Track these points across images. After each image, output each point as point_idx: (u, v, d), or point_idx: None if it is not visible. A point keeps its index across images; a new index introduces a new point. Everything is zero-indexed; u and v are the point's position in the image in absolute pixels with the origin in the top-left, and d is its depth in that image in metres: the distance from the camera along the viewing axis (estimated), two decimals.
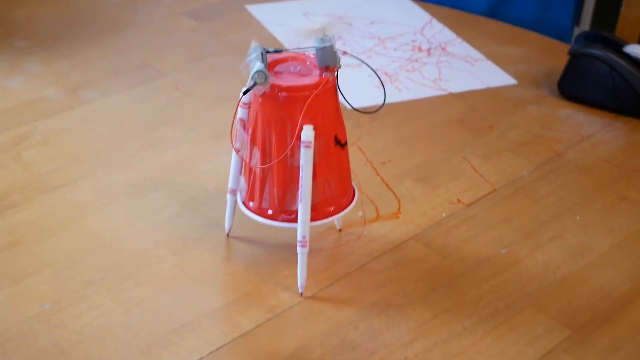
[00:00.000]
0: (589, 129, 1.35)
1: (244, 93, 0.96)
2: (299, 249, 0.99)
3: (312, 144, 0.96)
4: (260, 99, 0.97)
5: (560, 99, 1.42)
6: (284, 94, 0.95)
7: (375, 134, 1.31)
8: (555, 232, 1.14)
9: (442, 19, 1.63)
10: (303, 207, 0.98)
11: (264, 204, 1.01)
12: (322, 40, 0.96)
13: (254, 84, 0.94)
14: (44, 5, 1.55)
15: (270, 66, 0.98)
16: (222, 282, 1.03)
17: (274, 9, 1.64)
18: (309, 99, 0.95)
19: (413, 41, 1.56)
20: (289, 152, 0.97)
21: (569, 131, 1.34)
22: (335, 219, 1.05)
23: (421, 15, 1.65)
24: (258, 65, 0.94)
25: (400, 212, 1.16)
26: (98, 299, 0.99)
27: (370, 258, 1.08)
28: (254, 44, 0.98)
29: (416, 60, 1.50)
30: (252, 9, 1.62)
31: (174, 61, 1.43)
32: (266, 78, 0.94)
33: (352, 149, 1.27)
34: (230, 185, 1.05)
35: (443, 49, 1.54)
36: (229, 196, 1.05)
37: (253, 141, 0.99)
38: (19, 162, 1.18)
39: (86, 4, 1.58)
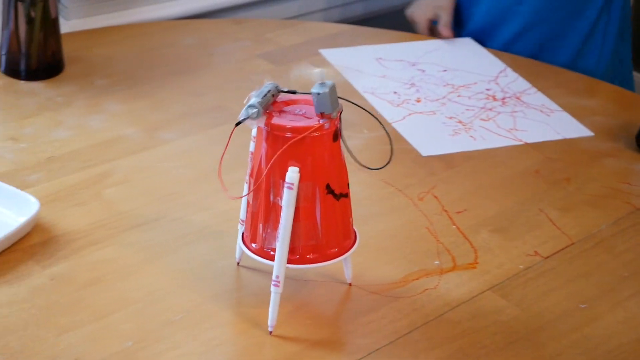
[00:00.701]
0: None
1: (236, 125, 0.98)
2: (272, 289, 0.99)
3: (295, 186, 0.96)
4: (260, 134, 0.99)
5: (638, 152, 1.41)
6: (274, 132, 0.97)
7: (450, 182, 1.31)
8: (636, 289, 1.13)
9: (516, 68, 1.63)
10: (280, 247, 0.98)
11: (251, 237, 1.02)
12: (320, 86, 0.96)
13: (245, 118, 0.96)
14: (121, 45, 1.58)
15: (278, 105, 0.99)
16: (302, 325, 1.03)
17: (347, 53, 1.65)
18: (291, 141, 0.96)
19: (487, 90, 1.56)
20: (272, 190, 0.99)
21: None
22: (319, 265, 1.03)
23: (495, 63, 1.65)
24: (253, 100, 0.97)
25: (477, 263, 1.16)
26: (179, 338, 0.99)
27: (448, 308, 1.08)
28: (266, 82, 1.00)
29: (490, 109, 1.50)
30: (326, 53, 1.63)
31: None
32: (258, 113, 0.96)
33: (427, 197, 1.27)
34: (241, 215, 1.06)
35: (518, 98, 1.54)
36: (239, 226, 1.06)
37: (251, 174, 1.01)
38: (101, 199, 1.19)
39: (163, 45, 1.60)
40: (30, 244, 1.10)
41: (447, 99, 1.52)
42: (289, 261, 0.99)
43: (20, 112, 1.35)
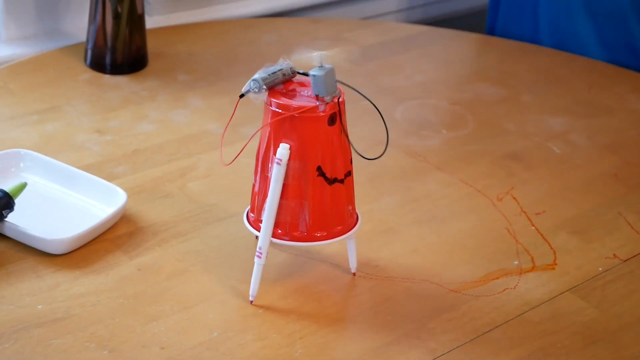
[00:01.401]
0: None
1: (240, 97, 1.01)
2: (255, 259, 1.02)
3: (284, 163, 0.99)
4: (265, 110, 1.01)
5: None
6: (270, 108, 1.00)
7: (529, 183, 1.32)
8: None
9: None
10: (265, 220, 1.01)
11: (251, 208, 1.06)
12: (319, 69, 0.98)
13: (248, 91, 1.00)
14: (203, 41, 1.60)
15: (290, 85, 1.01)
16: (383, 320, 1.04)
17: None
18: (277, 118, 0.99)
19: None
20: (269, 165, 1.02)
21: None
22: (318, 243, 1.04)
23: None
24: (257, 74, 1.00)
25: (556, 264, 1.16)
26: (264, 330, 1.01)
27: (528, 308, 1.08)
28: (281, 60, 1.01)
29: None
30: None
31: None
32: (259, 88, 0.99)
33: (506, 198, 1.28)
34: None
35: None
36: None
37: (257, 149, 1.04)
38: (185, 192, 1.22)
39: (243, 42, 1.62)
40: (117, 235, 1.13)
41: None
42: (274, 235, 1.02)
43: (105, 106, 1.38)
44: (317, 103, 0.99)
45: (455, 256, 1.16)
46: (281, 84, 1.01)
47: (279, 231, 1.03)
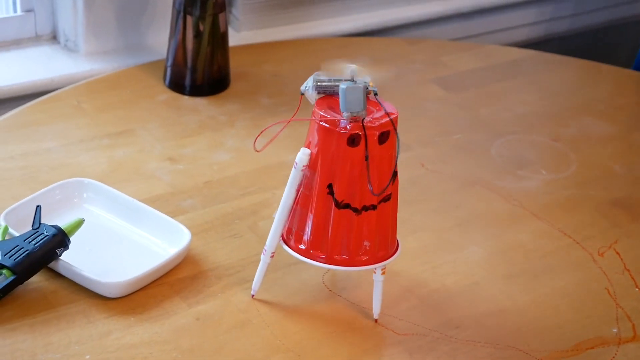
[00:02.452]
0: None
1: (301, 94, 0.97)
2: (261, 256, 1.01)
3: (299, 167, 0.96)
4: None
5: None
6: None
7: (636, 236, 1.19)
8: None
9: None
10: (276, 220, 0.99)
11: None
12: (348, 82, 0.92)
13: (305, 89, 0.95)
14: (290, 61, 1.51)
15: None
16: None
17: None
18: (276, 123, 0.98)
19: None
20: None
21: None
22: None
23: None
24: (313, 77, 0.96)
25: None
26: None
27: None
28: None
29: None
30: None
31: (419, 134, 1.36)
32: (310, 89, 0.95)
33: (608, 253, 1.16)
34: None
35: None
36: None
37: None
38: (256, 232, 1.13)
39: None
40: (178, 278, 1.05)
41: None
42: (282, 237, 1.00)
43: (181, 131, 1.31)
44: (340, 119, 0.93)
45: (546, 319, 1.05)
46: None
47: (291, 237, 0.99)
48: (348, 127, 0.92)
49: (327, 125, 0.93)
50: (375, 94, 0.94)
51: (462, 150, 1.34)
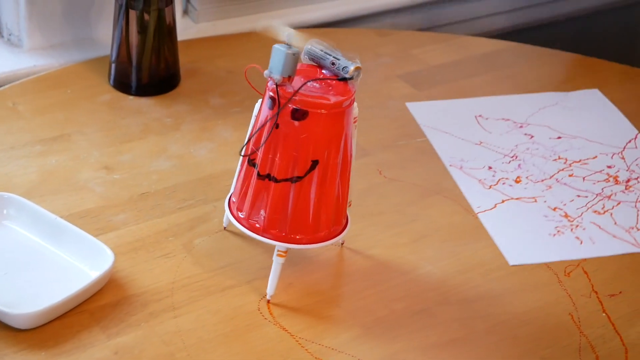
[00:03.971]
0: None
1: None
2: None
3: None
4: None
5: None
6: None
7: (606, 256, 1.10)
8: None
9: None
10: None
11: None
12: (282, 45, 0.91)
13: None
14: (247, 55, 1.41)
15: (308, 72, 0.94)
16: None
17: (438, 107, 1.35)
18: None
19: (608, 167, 1.24)
20: None
21: None
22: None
23: (626, 129, 1.32)
24: (313, 42, 0.94)
25: None
26: None
27: None
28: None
29: (609, 197, 1.18)
30: (412, 107, 1.34)
31: (379, 136, 1.26)
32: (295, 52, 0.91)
33: (575, 272, 1.07)
34: None
35: None
36: None
37: None
38: (190, 251, 1.04)
39: None
40: (99, 305, 0.96)
41: (555, 180, 1.20)
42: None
43: (121, 135, 1.21)
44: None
45: (502, 349, 0.96)
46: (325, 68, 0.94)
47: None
48: (271, 88, 0.92)
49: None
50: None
51: (425, 155, 1.25)
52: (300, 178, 0.93)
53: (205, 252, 1.04)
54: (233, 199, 0.99)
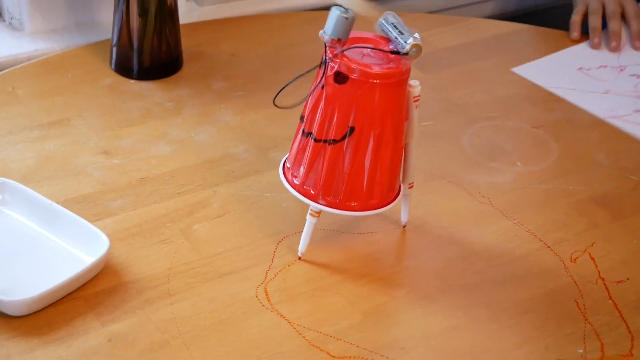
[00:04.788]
0: None
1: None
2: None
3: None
4: None
5: None
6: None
7: (615, 239, 1.08)
8: None
9: None
10: None
11: None
12: (339, 9, 0.89)
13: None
14: (251, 39, 1.39)
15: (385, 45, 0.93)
16: None
17: (540, 67, 1.41)
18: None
19: None
20: None
21: None
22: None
23: None
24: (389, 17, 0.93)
25: (632, 355, 0.93)
26: None
27: None
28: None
29: None
30: (520, 70, 1.38)
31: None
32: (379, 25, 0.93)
33: (582, 258, 1.04)
34: None
35: None
36: None
37: None
38: (188, 237, 1.02)
39: (301, 41, 1.41)
40: (95, 291, 0.95)
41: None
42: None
43: (121, 119, 1.20)
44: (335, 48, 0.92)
45: (505, 337, 0.94)
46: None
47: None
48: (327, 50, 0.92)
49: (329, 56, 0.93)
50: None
51: (430, 139, 1.22)
52: (336, 141, 0.93)
53: (203, 238, 1.02)
54: (287, 164, 1.00)
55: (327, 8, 1.56)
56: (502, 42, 1.47)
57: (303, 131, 0.96)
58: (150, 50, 1.26)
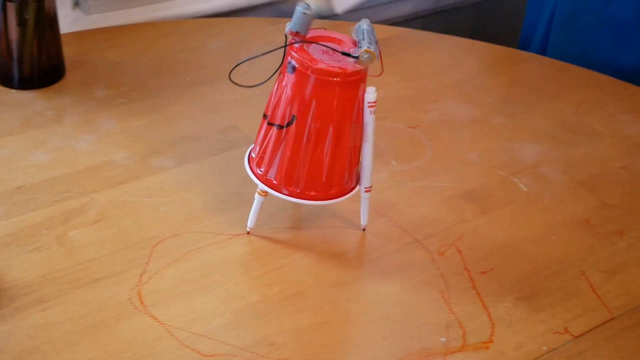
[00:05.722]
0: None
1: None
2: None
3: None
4: None
5: None
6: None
7: (481, 232, 1.12)
8: None
9: None
10: None
11: None
12: (302, 5, 0.95)
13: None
14: (135, 47, 1.41)
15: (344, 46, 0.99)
16: None
17: None
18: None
19: None
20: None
21: None
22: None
23: None
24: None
25: (491, 341, 0.97)
26: None
27: None
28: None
29: None
30: None
31: None
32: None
33: (449, 251, 1.08)
34: None
35: None
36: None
37: None
38: (64, 244, 1.04)
39: (185, 49, 1.43)
40: None
41: None
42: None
43: (0, 130, 1.21)
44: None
45: (373, 330, 0.98)
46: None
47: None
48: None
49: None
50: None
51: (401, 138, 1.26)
52: (280, 127, 0.99)
53: (79, 244, 1.04)
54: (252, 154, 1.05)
55: (215, 15, 1.59)
56: (385, 46, 1.50)
57: (264, 114, 1.02)
58: (31, 60, 1.28)
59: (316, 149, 1.00)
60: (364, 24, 0.99)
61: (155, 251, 1.04)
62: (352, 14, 1.62)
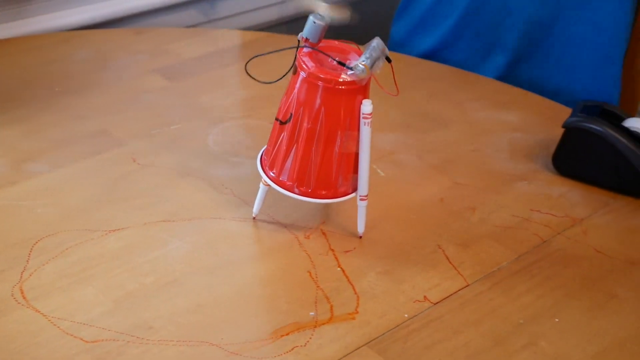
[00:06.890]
0: (582, 211, 1.23)
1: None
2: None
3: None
4: None
5: (555, 174, 1.30)
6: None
7: (343, 214, 1.20)
8: (529, 338, 1.02)
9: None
10: None
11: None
12: (315, 15, 1.04)
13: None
14: (6, 61, 1.45)
15: (349, 56, 1.07)
16: None
17: None
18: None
19: None
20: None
21: (559, 213, 1.22)
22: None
23: None
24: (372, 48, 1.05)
25: (357, 312, 1.05)
26: None
27: None
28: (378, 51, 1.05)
29: None
30: None
31: (134, 128, 1.33)
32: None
33: (315, 234, 1.16)
34: None
35: None
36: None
37: None
38: None
39: (51, 61, 1.48)
40: None
41: None
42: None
43: None
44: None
45: (246, 309, 1.04)
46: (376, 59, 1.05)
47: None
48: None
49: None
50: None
51: (178, 141, 1.32)
52: (282, 123, 1.08)
53: None
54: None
55: (80, 28, 1.64)
56: (243, 50, 1.58)
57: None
58: None
59: (307, 149, 1.08)
60: (374, 41, 1.06)
61: (34, 250, 1.09)
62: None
